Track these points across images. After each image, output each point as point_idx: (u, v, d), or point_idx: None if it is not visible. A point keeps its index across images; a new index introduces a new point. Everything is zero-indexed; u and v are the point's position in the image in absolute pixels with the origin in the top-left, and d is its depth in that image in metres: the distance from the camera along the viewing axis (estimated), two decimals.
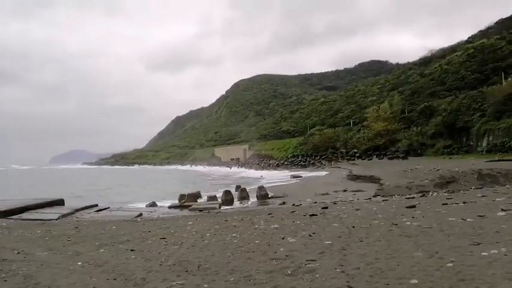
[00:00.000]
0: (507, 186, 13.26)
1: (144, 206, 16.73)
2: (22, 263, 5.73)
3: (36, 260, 5.91)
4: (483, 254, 4.46)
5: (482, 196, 10.26)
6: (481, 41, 66.01)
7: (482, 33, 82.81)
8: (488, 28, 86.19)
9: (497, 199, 9.26)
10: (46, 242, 7.57)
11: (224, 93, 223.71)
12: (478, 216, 6.94)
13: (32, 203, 14.30)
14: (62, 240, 7.69)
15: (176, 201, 17.62)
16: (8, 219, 11.80)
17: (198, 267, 4.92)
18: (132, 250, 6.33)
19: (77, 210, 14.06)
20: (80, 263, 5.61)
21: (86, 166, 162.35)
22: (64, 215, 12.77)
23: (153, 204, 17.11)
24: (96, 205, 15.72)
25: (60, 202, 15.63)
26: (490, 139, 31.24)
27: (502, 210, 7.39)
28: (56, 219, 11.99)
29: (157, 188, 31.48)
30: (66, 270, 5.22)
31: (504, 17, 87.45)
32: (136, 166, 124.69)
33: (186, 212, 14.51)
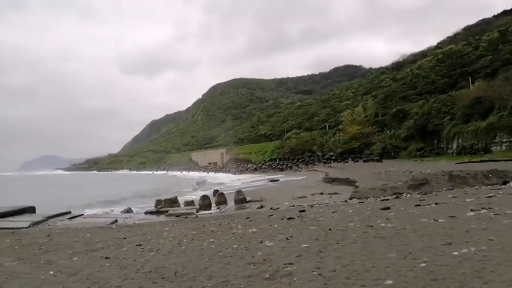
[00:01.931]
0: (476, 187, 13.77)
1: (119, 212, 16.39)
2: None
3: (4, 271, 5.67)
4: (454, 253, 4.59)
5: (453, 197, 10.59)
6: (449, 47, 68.61)
7: (451, 39, 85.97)
8: (456, 34, 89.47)
9: (466, 200, 9.57)
10: (16, 251, 7.29)
11: (201, 96, 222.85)
12: (449, 216, 7.16)
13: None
14: (33, 249, 7.43)
15: (152, 207, 17.34)
16: None
17: (175, 273, 4.86)
18: (107, 258, 6.18)
19: (49, 217, 13.63)
20: (52, 272, 5.43)
21: (64, 172, 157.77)
22: (35, 223, 12.36)
23: (129, 210, 16.78)
24: (69, 212, 15.31)
25: (30, 209, 15.10)
26: (460, 141, 32.35)
27: (472, 210, 7.65)
28: (27, 228, 11.59)
29: (132, 194, 30.82)
30: (37, 280, 5.04)
31: (470, 24, 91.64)
32: (109, 172, 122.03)
33: (162, 217, 14.32)
